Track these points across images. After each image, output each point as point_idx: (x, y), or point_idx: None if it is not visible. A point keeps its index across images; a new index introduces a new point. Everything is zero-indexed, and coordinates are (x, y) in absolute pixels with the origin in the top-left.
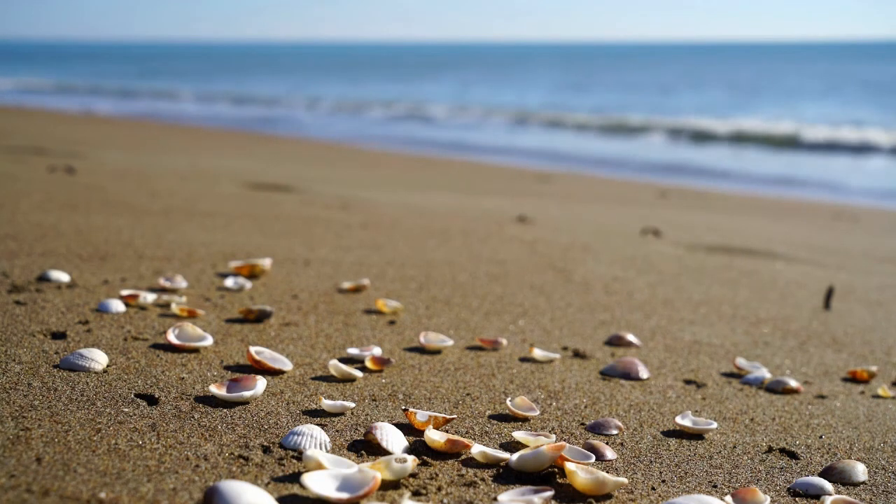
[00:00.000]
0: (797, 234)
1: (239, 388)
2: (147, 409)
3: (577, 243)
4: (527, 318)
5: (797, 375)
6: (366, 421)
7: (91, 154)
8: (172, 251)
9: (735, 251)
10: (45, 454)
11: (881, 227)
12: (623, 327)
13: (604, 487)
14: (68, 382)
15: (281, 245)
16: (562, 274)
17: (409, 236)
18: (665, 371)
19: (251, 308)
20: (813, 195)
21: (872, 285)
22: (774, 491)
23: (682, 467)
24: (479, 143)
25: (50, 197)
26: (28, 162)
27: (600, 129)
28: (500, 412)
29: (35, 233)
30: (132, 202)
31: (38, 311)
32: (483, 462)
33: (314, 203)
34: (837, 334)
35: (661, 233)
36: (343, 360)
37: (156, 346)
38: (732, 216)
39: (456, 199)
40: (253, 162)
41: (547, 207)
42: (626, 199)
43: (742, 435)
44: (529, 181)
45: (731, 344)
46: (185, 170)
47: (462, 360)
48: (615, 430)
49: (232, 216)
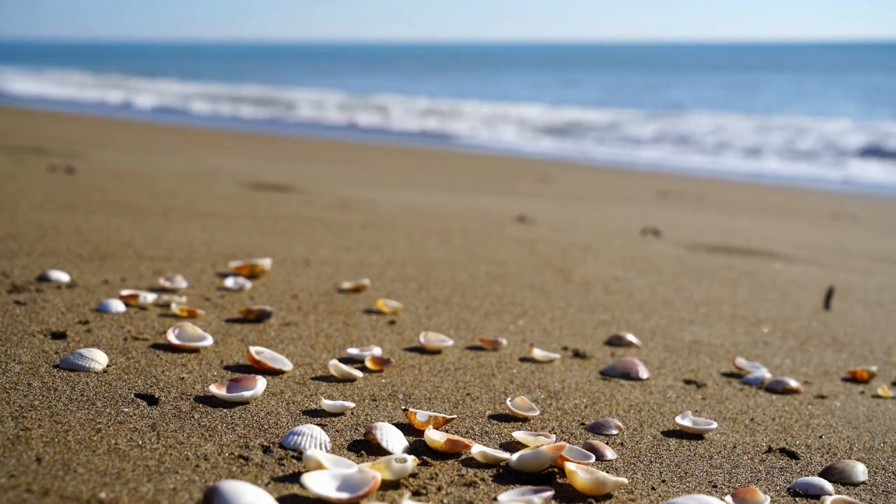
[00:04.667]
0: (797, 234)
1: (239, 388)
2: (147, 409)
3: (577, 243)
4: (527, 318)
5: (797, 375)
6: (366, 421)
7: (91, 154)
8: (172, 251)
9: (735, 251)
10: (45, 454)
11: (881, 226)
12: (623, 327)
13: (604, 487)
14: (68, 382)
15: (281, 245)
16: (562, 274)
17: (409, 236)
18: (665, 371)
19: (251, 308)
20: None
21: (872, 285)
22: (774, 491)
23: (682, 467)
24: (479, 143)
25: (50, 197)
26: (28, 162)
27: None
28: (500, 412)
29: (35, 233)
30: (132, 202)
31: (38, 311)
32: (483, 462)
33: (314, 203)
34: (837, 334)
35: (661, 233)
36: (343, 360)
37: (156, 346)
38: (732, 216)
39: (456, 199)
40: (253, 162)
41: (547, 207)
42: (626, 199)
43: (742, 435)
44: (529, 181)
45: (731, 344)
46: (185, 170)
47: (462, 360)
48: (615, 430)
49: (232, 216)
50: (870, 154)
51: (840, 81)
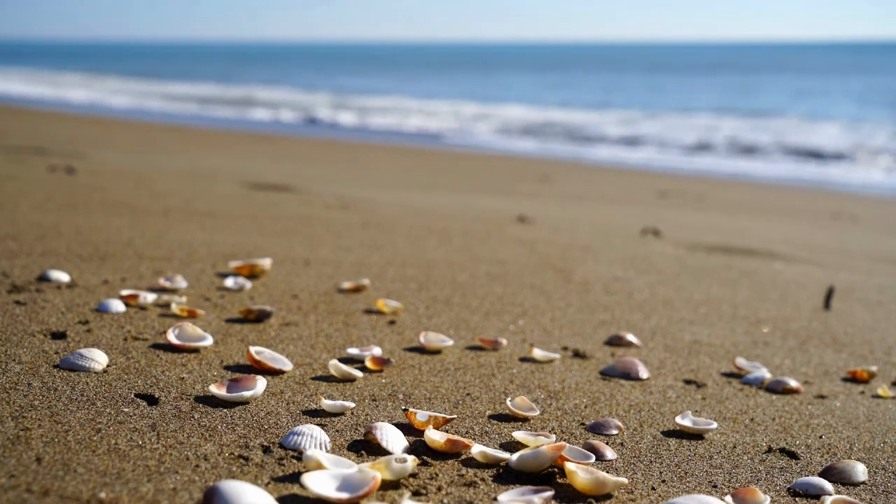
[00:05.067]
0: (797, 234)
1: (239, 388)
2: (147, 409)
3: (577, 243)
4: (527, 318)
5: (797, 375)
6: (366, 421)
7: (91, 154)
8: (172, 251)
9: (735, 251)
10: (45, 454)
11: (881, 226)
12: (623, 327)
13: (604, 487)
14: (68, 382)
15: (281, 245)
16: (562, 274)
17: (409, 236)
18: (665, 371)
19: (251, 308)
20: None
21: (872, 285)
22: (774, 491)
23: (682, 467)
24: (480, 143)
25: (50, 197)
26: (28, 162)
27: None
28: (500, 412)
29: (35, 233)
30: (132, 202)
31: (38, 311)
32: (483, 462)
33: (314, 203)
34: (837, 334)
35: (661, 233)
36: (343, 360)
37: (156, 346)
38: (732, 216)
39: (456, 198)
40: (253, 162)
41: (547, 207)
42: (626, 199)
43: (742, 435)
44: (529, 181)
45: (731, 344)
46: (185, 170)
47: (462, 360)
48: (615, 430)
49: (232, 216)
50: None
51: (840, 81)
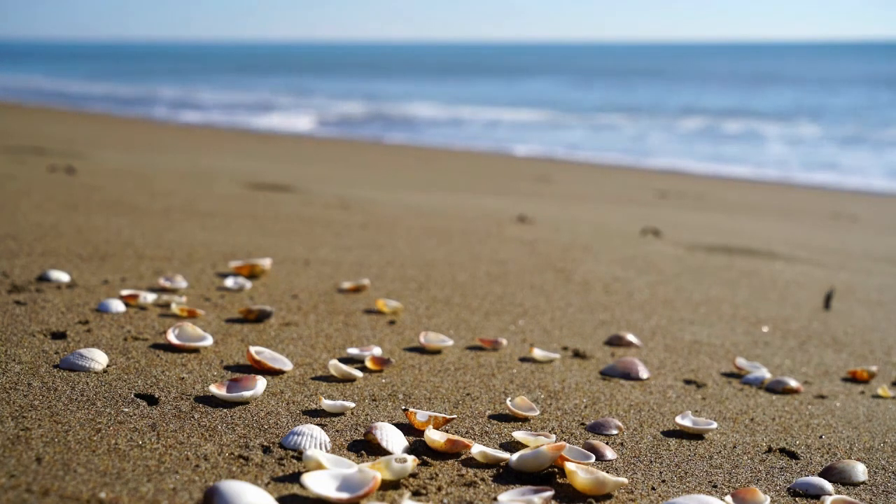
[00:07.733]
0: (797, 234)
1: (239, 388)
2: (147, 409)
3: (577, 243)
4: (527, 318)
5: (797, 375)
6: (366, 421)
7: (91, 154)
8: (172, 251)
9: (735, 251)
10: (45, 454)
11: (881, 226)
12: (623, 327)
13: (604, 487)
14: (68, 382)
15: (281, 245)
16: (562, 274)
17: (409, 236)
18: (665, 371)
19: (251, 308)
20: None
21: (872, 285)
22: (774, 491)
23: (682, 467)
24: (479, 143)
25: (50, 197)
26: (28, 162)
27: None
28: (500, 412)
29: (35, 233)
30: (132, 202)
31: (38, 311)
32: (483, 462)
33: (314, 203)
34: (837, 334)
35: (661, 233)
36: (343, 360)
37: (156, 346)
38: (732, 216)
39: (456, 199)
40: (253, 162)
41: (547, 207)
42: (626, 199)
43: (742, 435)
44: (529, 181)
45: (731, 344)
46: (185, 170)
47: (462, 360)
48: (615, 430)
49: (232, 216)
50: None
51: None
